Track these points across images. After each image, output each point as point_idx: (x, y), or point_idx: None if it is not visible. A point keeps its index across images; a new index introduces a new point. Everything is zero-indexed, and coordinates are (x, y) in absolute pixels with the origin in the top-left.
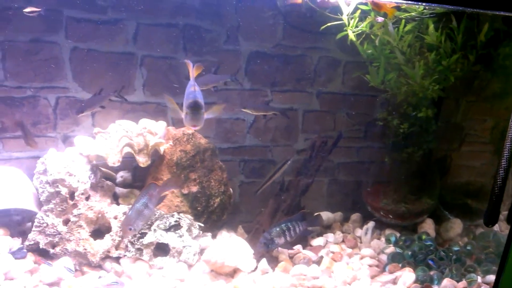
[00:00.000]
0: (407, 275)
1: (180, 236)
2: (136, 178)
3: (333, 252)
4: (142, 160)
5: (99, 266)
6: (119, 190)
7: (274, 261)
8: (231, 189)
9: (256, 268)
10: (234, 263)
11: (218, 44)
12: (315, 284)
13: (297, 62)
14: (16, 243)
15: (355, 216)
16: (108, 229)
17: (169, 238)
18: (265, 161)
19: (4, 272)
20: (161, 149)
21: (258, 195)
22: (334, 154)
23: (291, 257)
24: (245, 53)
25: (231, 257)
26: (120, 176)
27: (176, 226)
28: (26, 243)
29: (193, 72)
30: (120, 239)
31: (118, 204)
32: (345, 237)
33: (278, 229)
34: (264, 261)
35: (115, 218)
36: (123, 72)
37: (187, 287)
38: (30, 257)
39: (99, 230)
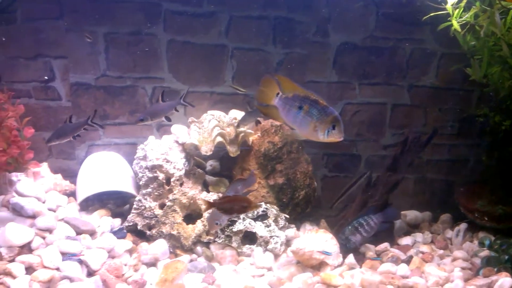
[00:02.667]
0: (504, 280)
1: (267, 226)
2: (224, 167)
3: (422, 253)
4: (233, 150)
5: (190, 250)
6: (208, 178)
7: (360, 257)
8: (315, 182)
9: (342, 262)
10: (321, 256)
11: (308, 35)
12: (406, 283)
13: (389, 54)
14: (117, 223)
15: (445, 216)
16: (198, 215)
17: (257, 227)
18: (349, 155)
19: (107, 250)
20: (250, 139)
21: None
22: (424, 151)
23: (378, 254)
24: (334, 45)
25: (319, 250)
26: (210, 164)
27: (264, 216)
28: (125, 224)
29: (297, 85)
30: None
31: (208, 191)
32: (434, 237)
33: (350, 227)
34: (351, 256)
35: None
36: (215, 64)
37: (275, 276)
38: (129, 237)
39: (191, 216)
